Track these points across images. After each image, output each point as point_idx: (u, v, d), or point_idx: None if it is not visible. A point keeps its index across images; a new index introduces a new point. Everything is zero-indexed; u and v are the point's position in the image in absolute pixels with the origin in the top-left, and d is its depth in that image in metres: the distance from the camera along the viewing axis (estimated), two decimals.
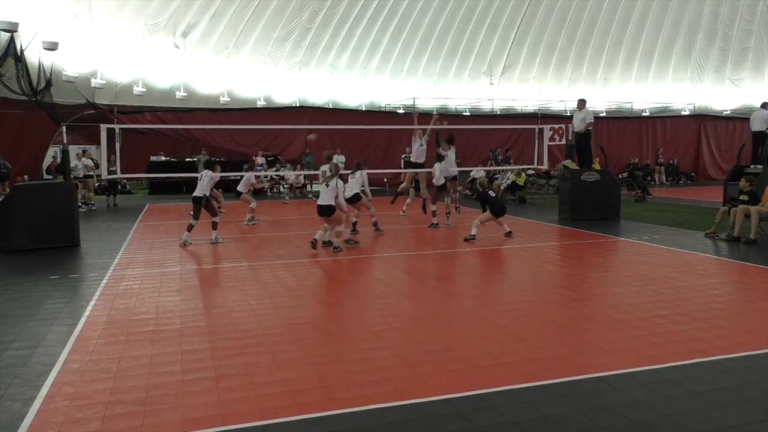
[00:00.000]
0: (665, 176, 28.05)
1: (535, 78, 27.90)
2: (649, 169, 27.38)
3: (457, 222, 13.27)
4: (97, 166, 18.85)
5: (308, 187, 23.88)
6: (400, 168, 21.79)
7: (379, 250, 10.12)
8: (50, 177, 20.10)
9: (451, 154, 12.94)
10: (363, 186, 11.69)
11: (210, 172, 10.93)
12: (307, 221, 13.91)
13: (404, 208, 14.90)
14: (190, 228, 10.68)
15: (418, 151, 13.82)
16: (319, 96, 25.05)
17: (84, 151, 19.62)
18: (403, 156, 22.21)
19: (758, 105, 14.75)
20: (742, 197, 10.84)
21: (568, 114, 24.55)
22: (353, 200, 11.03)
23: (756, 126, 14.09)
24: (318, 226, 10.20)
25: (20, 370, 4.63)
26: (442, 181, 12.48)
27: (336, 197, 9.86)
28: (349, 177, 11.26)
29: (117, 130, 11.83)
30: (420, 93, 26.35)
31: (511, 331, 5.61)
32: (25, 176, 16.11)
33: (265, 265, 8.88)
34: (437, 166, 12.45)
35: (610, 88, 28.88)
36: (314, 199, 18.82)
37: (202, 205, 10.66)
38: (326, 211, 9.69)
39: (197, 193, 10.71)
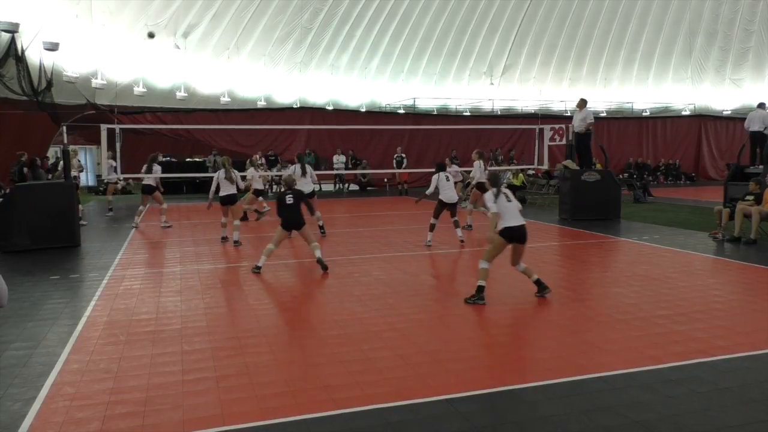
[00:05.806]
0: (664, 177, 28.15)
1: (536, 78, 27.88)
2: (650, 168, 27.42)
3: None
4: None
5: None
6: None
7: (379, 250, 10.12)
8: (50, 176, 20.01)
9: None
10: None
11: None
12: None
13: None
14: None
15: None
16: (319, 96, 25.05)
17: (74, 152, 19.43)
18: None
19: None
20: (748, 198, 10.81)
21: (569, 114, 24.54)
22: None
23: (755, 126, 14.05)
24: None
25: (20, 370, 4.63)
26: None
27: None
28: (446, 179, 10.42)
29: (117, 131, 11.85)
30: (420, 93, 26.34)
31: (511, 331, 5.61)
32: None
33: (264, 264, 8.88)
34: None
35: (611, 88, 28.87)
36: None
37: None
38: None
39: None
